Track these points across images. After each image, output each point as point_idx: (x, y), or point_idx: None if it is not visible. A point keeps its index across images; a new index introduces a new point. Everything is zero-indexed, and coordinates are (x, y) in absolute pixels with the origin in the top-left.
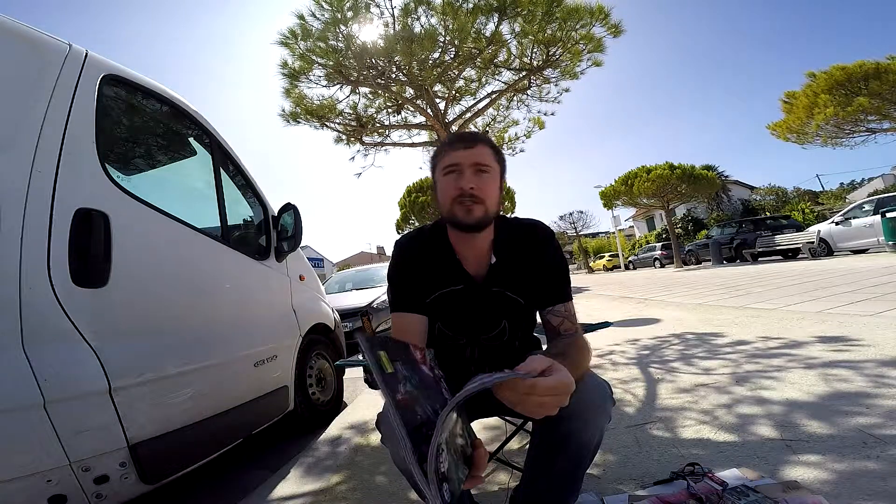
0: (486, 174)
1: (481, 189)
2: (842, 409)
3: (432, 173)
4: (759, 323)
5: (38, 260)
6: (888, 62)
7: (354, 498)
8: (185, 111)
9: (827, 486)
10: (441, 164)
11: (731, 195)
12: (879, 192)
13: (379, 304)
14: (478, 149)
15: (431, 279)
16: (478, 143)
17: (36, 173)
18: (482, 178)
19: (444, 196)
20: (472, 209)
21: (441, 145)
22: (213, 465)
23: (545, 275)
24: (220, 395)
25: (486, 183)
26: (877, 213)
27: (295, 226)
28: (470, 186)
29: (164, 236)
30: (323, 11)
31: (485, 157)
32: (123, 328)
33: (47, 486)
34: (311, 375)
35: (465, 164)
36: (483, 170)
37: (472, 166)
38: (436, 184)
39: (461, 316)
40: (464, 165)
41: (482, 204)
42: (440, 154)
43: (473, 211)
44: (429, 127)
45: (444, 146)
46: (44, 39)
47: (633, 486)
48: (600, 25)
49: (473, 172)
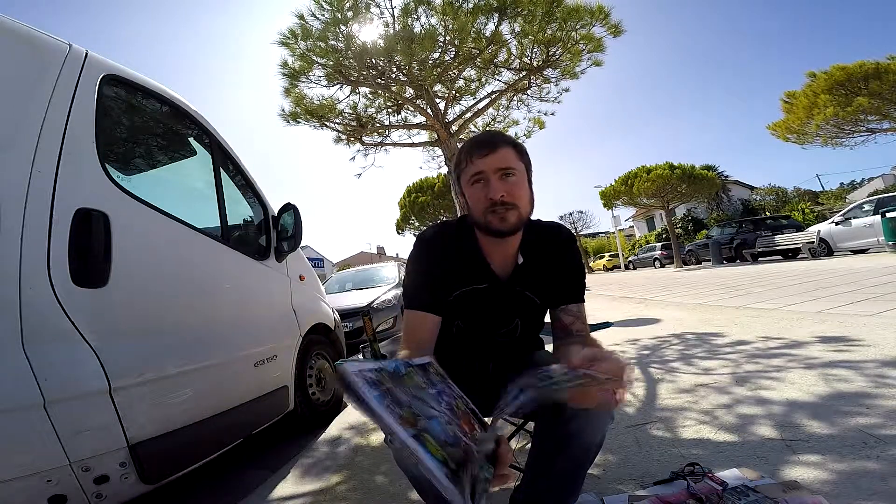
0: (514, 177)
1: (512, 194)
2: (842, 409)
3: (457, 183)
4: (759, 323)
5: (38, 260)
6: (888, 62)
7: (354, 498)
8: (185, 111)
9: (827, 486)
10: (466, 175)
11: (731, 195)
12: (879, 192)
13: (379, 304)
14: (500, 152)
15: (456, 277)
16: (498, 145)
17: (36, 173)
18: (510, 182)
19: (476, 207)
20: (506, 217)
21: (461, 153)
22: (213, 465)
23: (565, 275)
24: (220, 395)
25: (515, 186)
26: (877, 213)
27: (295, 226)
28: (500, 195)
29: (164, 236)
30: (323, 11)
31: (508, 160)
32: (123, 328)
33: (47, 486)
34: (311, 375)
35: (489, 171)
36: (509, 173)
37: (496, 172)
38: (464, 195)
39: (480, 314)
40: (489, 172)
41: (516, 209)
42: (463, 163)
43: (508, 218)
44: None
45: (466, 154)
46: (44, 39)
47: (633, 486)
48: (600, 25)
49: (499, 178)
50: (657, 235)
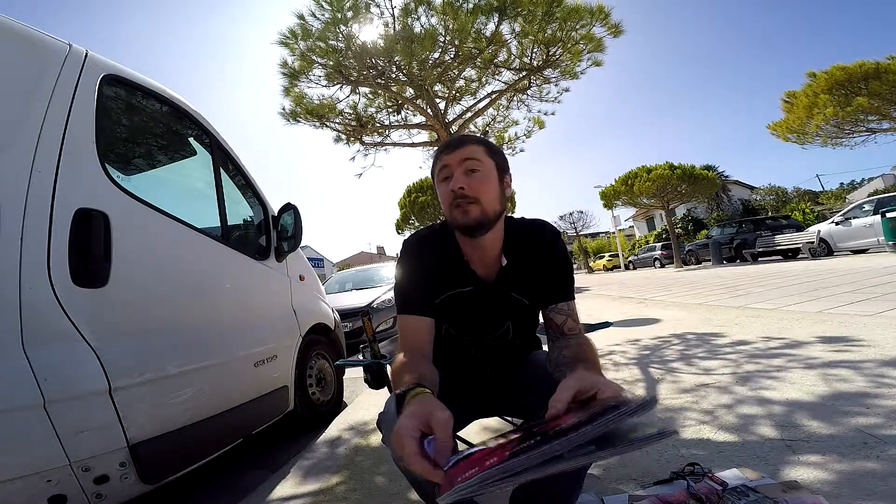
0: (478, 172)
1: (473, 188)
2: (842, 409)
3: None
4: (759, 323)
5: (38, 260)
6: (888, 62)
7: (354, 498)
8: (185, 111)
9: (827, 486)
10: (437, 173)
11: (731, 195)
12: (879, 192)
13: (379, 304)
14: (466, 148)
15: (440, 280)
16: (465, 143)
17: (36, 173)
18: (473, 176)
19: (444, 203)
20: (468, 210)
21: (435, 155)
22: (213, 465)
23: (551, 273)
24: (220, 396)
25: (478, 181)
26: (877, 213)
27: (295, 226)
28: (459, 187)
29: (164, 236)
30: (323, 11)
31: (474, 154)
32: (123, 328)
33: (47, 486)
34: (311, 375)
35: (454, 165)
36: (473, 168)
37: (460, 165)
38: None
39: (469, 317)
40: (453, 167)
41: (477, 203)
42: (434, 162)
43: (470, 212)
44: (429, 127)
45: (436, 154)
46: (44, 39)
47: (633, 486)
48: (600, 25)
49: (463, 172)
50: (657, 235)
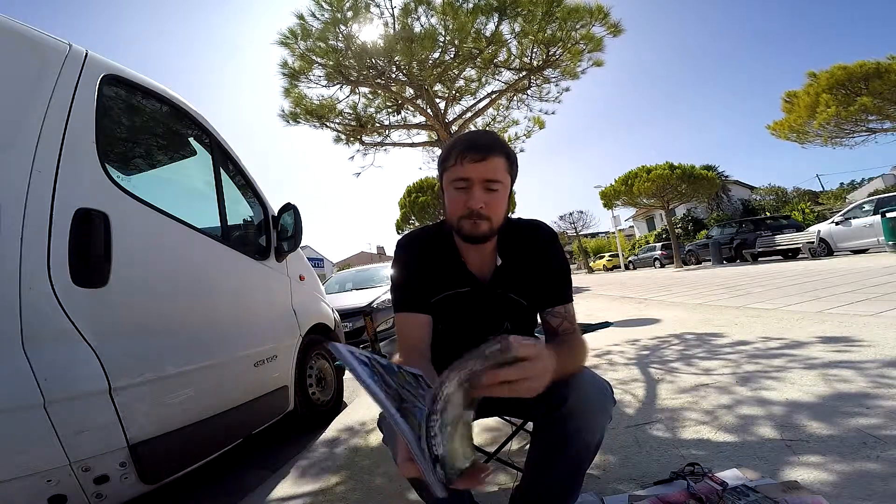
0: (496, 192)
1: (490, 207)
2: (842, 409)
3: (440, 177)
4: (759, 323)
5: (38, 260)
6: (889, 62)
7: (354, 498)
8: (185, 111)
9: (827, 486)
10: (451, 175)
11: (731, 195)
12: (879, 192)
13: (379, 303)
14: (491, 162)
15: (436, 280)
16: (491, 154)
17: (36, 173)
18: (492, 196)
19: (453, 210)
20: (479, 225)
21: (452, 150)
22: (213, 465)
23: (547, 276)
24: (219, 395)
25: (496, 200)
26: (877, 213)
27: (295, 226)
28: (479, 206)
29: (164, 236)
30: (323, 11)
31: (497, 172)
32: (123, 328)
33: (47, 486)
34: (311, 375)
35: (475, 181)
36: (493, 188)
37: (482, 183)
38: (443, 190)
39: (466, 317)
40: (474, 182)
41: (489, 221)
42: (450, 161)
43: (480, 227)
44: (429, 127)
45: (456, 153)
46: (44, 39)
47: (633, 486)
48: (600, 25)
49: (483, 190)
50: (657, 235)
